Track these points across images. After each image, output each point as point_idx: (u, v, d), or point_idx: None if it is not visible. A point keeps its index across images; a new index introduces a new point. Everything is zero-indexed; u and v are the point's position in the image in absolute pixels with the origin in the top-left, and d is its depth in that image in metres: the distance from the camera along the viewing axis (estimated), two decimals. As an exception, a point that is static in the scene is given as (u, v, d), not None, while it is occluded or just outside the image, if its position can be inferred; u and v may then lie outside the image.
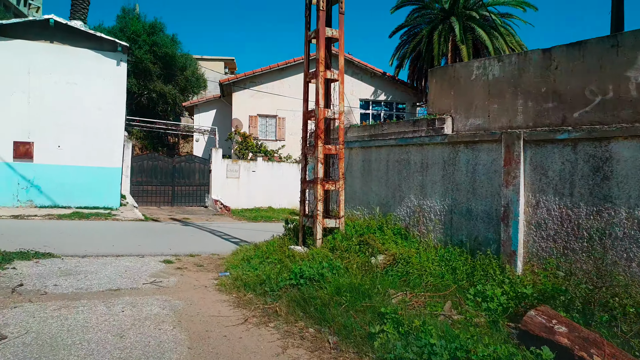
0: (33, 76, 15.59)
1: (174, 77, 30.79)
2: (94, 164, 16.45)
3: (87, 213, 15.39)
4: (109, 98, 16.56)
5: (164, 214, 18.22)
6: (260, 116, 25.27)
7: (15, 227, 12.08)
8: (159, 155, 20.45)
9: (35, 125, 15.70)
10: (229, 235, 13.09)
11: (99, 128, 16.45)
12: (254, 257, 8.30)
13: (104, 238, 11.31)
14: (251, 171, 21.54)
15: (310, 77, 8.23)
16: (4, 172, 15.41)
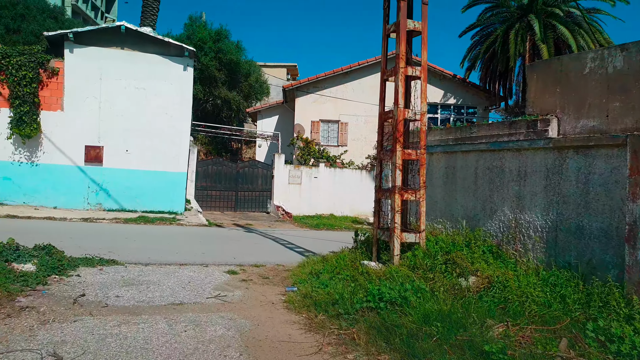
0: (104, 81, 15.85)
1: (238, 83, 30.98)
2: (160, 168, 16.50)
3: (152, 217, 15.38)
4: (175, 103, 16.58)
5: (227, 219, 18.01)
6: (323, 121, 24.74)
7: (83, 231, 12.12)
8: (223, 160, 20.35)
9: (105, 129, 15.94)
10: (292, 244, 12.52)
11: (165, 132, 16.49)
12: (323, 272, 7.60)
13: (168, 244, 11.05)
14: (313, 177, 21.01)
15: (388, 74, 7.46)
16: (76, 176, 15.72)
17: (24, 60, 14.81)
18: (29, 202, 15.33)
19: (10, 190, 15.17)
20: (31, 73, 14.83)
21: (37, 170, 15.40)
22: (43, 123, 15.35)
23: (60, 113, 15.53)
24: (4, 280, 5.95)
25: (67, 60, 15.52)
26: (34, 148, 15.38)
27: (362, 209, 21.81)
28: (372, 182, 21.97)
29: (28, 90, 14.80)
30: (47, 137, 15.45)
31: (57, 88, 15.48)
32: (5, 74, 14.74)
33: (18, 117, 14.75)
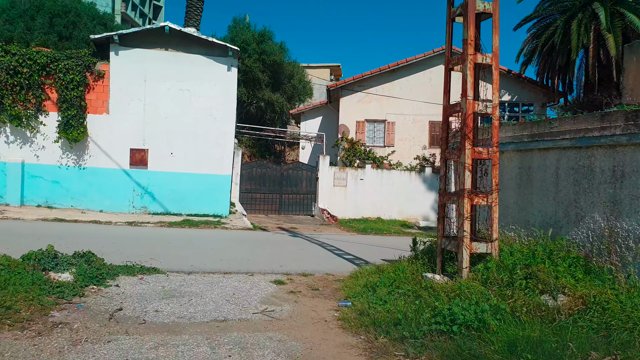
0: (148, 83, 15.68)
1: (282, 85, 30.62)
2: (204, 171, 16.17)
3: (197, 221, 15.04)
4: (219, 104, 16.22)
5: (271, 222, 17.50)
6: (368, 121, 23.91)
7: (127, 235, 11.83)
8: (267, 162, 19.89)
9: (150, 132, 15.76)
10: (340, 250, 11.79)
11: (209, 134, 16.15)
12: (379, 285, 6.83)
13: (212, 250, 10.56)
14: (359, 179, 20.22)
15: (453, 63, 6.60)
16: (121, 179, 15.61)
17: (72, 63, 14.80)
18: (76, 205, 15.32)
19: (59, 194, 15.20)
20: (78, 76, 14.81)
21: (83, 173, 15.37)
22: (89, 126, 15.31)
23: (105, 116, 15.46)
24: (38, 292, 5.52)
25: (113, 62, 15.43)
26: (81, 152, 15.35)
27: (411, 212, 20.85)
28: (421, 184, 20.98)
29: (75, 94, 14.79)
30: (93, 140, 15.40)
31: (102, 91, 15.41)
32: (54, 78, 14.77)
33: (65, 120, 14.75)
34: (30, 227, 11.88)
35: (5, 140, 14.82)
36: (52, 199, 15.14)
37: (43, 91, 14.85)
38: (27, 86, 14.57)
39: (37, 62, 14.55)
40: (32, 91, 14.66)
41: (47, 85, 14.88)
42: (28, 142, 14.97)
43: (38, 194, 15.06)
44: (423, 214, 20.98)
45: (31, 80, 14.56)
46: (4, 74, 14.22)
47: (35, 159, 15.01)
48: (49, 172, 15.11)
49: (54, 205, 15.13)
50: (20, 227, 11.84)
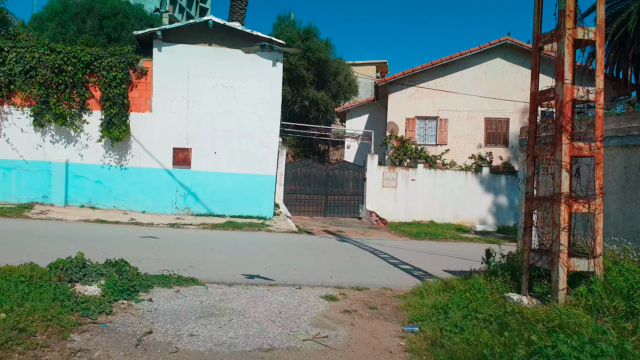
0: (192, 80, 15.13)
1: (327, 83, 29.77)
2: (248, 171, 15.48)
3: (240, 223, 14.34)
4: (264, 101, 15.48)
5: (317, 225, 16.61)
6: (419, 118, 22.62)
7: (167, 239, 11.21)
8: (312, 162, 18.99)
9: (193, 130, 15.21)
10: (395, 258, 10.72)
11: (254, 133, 15.44)
12: (451, 306, 5.76)
13: (256, 255, 9.74)
14: (410, 180, 19.01)
15: (545, 40, 5.42)
16: (165, 179, 15.13)
17: (115, 61, 14.43)
18: (119, 206, 14.95)
19: (102, 194, 14.88)
20: (121, 74, 14.42)
21: (126, 173, 14.99)
22: (132, 125, 14.91)
23: (148, 114, 15.02)
24: (59, 310, 4.81)
25: (156, 59, 14.97)
26: (123, 151, 14.97)
27: (467, 216, 19.46)
28: (478, 185, 19.55)
29: (118, 92, 14.40)
30: (136, 139, 14.99)
31: (145, 89, 14.98)
32: (97, 76, 14.44)
33: (108, 119, 14.39)
34: (70, 229, 11.47)
35: (51, 140, 14.61)
36: (95, 199, 14.83)
37: (87, 89, 14.56)
38: (72, 84, 14.29)
39: (81, 60, 14.26)
40: (77, 89, 14.38)
41: (91, 84, 14.58)
42: (72, 142, 14.72)
43: (81, 194, 14.79)
44: (479, 218, 19.53)
45: (75, 79, 14.28)
46: (49, 73, 14.00)
47: (79, 158, 14.74)
48: (92, 171, 14.81)
49: (96, 205, 14.82)
50: (61, 229, 11.45)
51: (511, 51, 22.21)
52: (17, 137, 14.41)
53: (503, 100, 22.11)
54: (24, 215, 12.80)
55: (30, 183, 14.49)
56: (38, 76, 13.93)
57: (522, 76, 21.98)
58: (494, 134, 22.68)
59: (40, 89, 14.02)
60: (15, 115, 14.36)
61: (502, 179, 20.06)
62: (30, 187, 14.49)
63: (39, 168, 14.51)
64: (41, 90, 14.02)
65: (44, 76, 13.96)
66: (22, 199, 14.42)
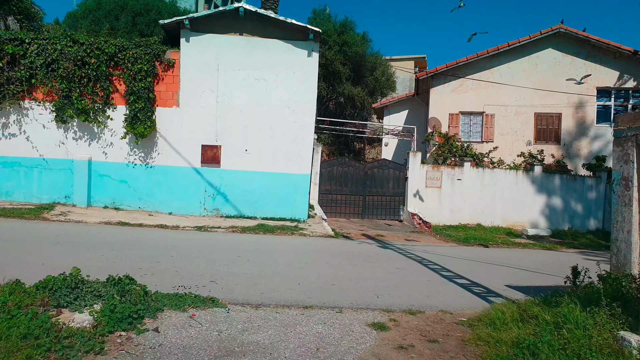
0: (222, 73, 14.02)
1: (363, 78, 28.39)
2: (281, 169, 14.26)
3: (272, 226, 13.13)
4: (298, 94, 14.23)
5: (354, 228, 15.24)
6: (463, 114, 20.93)
7: (191, 245, 10.08)
8: (349, 160, 17.59)
9: (223, 126, 14.10)
10: (447, 269, 9.26)
11: (287, 129, 14.21)
12: (541, 347, 4.31)
13: (289, 267, 8.47)
14: (456, 179, 17.38)
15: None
16: (193, 179, 14.09)
17: (140, 52, 13.46)
18: (144, 207, 13.99)
19: (126, 194, 13.96)
20: (146, 66, 13.44)
21: (151, 172, 14.01)
22: (158, 121, 13.92)
23: (175, 109, 14.00)
24: (29, 352, 3.62)
25: (183, 50, 13.92)
26: (149, 148, 14.01)
27: (517, 218, 17.69)
28: (530, 186, 17.77)
29: (143, 85, 13.43)
30: (162, 136, 13.99)
31: (172, 82, 13.97)
32: (122, 69, 13.52)
33: (133, 114, 13.44)
34: (87, 233, 10.51)
35: (73, 137, 13.79)
36: (119, 199, 13.93)
37: (111, 83, 13.65)
38: (95, 78, 13.41)
39: (104, 52, 13.36)
40: (100, 83, 13.49)
41: (115, 77, 13.67)
42: (95, 138, 13.85)
43: (105, 194, 13.90)
44: (531, 221, 17.73)
45: (99, 72, 13.39)
46: (72, 66, 13.15)
47: (103, 156, 13.86)
48: (117, 170, 13.90)
49: (121, 206, 13.91)
50: (78, 233, 10.50)
51: (564, 40, 20.24)
52: (38, 134, 13.64)
53: (555, 93, 20.19)
54: (42, 216, 11.95)
55: (53, 183, 13.69)
56: (60, 69, 13.11)
57: (576, 67, 20.01)
58: (545, 131, 20.76)
59: (63, 82, 13.19)
60: (36, 111, 13.59)
61: (555, 179, 18.16)
62: (52, 187, 13.70)
63: (61, 167, 13.70)
64: (63, 84, 13.19)
65: (66, 69, 13.12)
66: (44, 199, 13.65)
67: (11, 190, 13.63)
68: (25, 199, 13.63)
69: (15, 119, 13.57)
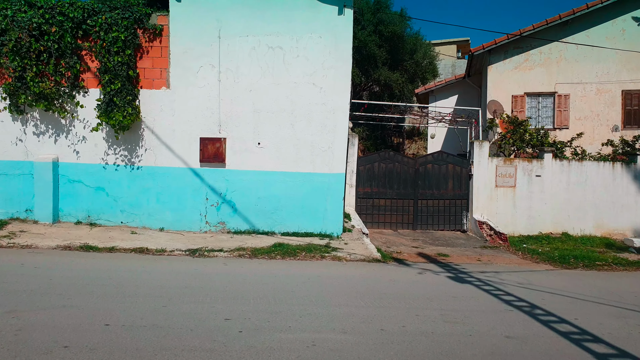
0: (225, 41, 10.14)
1: (402, 62, 24.08)
2: (305, 168, 10.26)
3: (294, 246, 9.16)
4: (326, 66, 10.18)
5: (405, 244, 11.10)
6: (529, 95, 16.42)
7: (173, 286, 6.16)
8: (395, 154, 13.25)
9: (228, 112, 10.22)
10: (600, 339, 5.00)
11: (312, 113, 10.19)
12: None
13: (318, 327, 4.42)
14: (534, 176, 12.94)
15: None
16: (190, 183, 10.27)
17: (116, 16, 9.73)
18: (127, 221, 10.27)
19: (105, 205, 10.26)
20: (124, 34, 9.69)
21: (137, 176, 10.27)
22: (143, 107, 10.17)
23: (165, 92, 10.20)
24: None
25: (173, 12, 10.11)
26: (132, 144, 10.27)
27: (615, 225, 13.11)
28: (631, 183, 13.12)
29: (120, 60, 9.69)
30: (149, 127, 10.23)
31: (160, 55, 10.17)
32: (93, 39, 9.82)
33: (107, 99, 9.72)
34: (16, 270, 6.78)
35: (34, 131, 10.20)
36: (95, 212, 10.25)
37: (79, 59, 9.99)
38: (58, 52, 9.77)
39: (69, 18, 9.70)
40: (65, 59, 9.84)
41: (85, 51, 10.00)
42: (62, 133, 10.22)
43: (78, 205, 10.25)
44: (634, 227, 13.11)
45: (62, 44, 9.74)
46: (26, 36, 9.54)
47: (74, 156, 10.22)
48: (91, 174, 10.23)
49: (98, 221, 10.23)
50: (5, 270, 6.80)
51: None
52: (-10, 129, 10.15)
53: None
54: (-25, 240, 8.38)
55: (9, 193, 10.14)
56: (11, 42, 9.51)
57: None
58: (636, 112, 16.04)
59: (15, 59, 9.60)
60: (-15, 99, 10.10)
61: (663, 172, 13.48)
62: (8, 198, 10.14)
63: (18, 171, 10.13)
64: (15, 61, 9.60)
65: (19, 41, 9.53)
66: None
67: (-42, 203, 10.17)
68: (-25, 214, 10.15)
69: (-41, 110, 10.10)
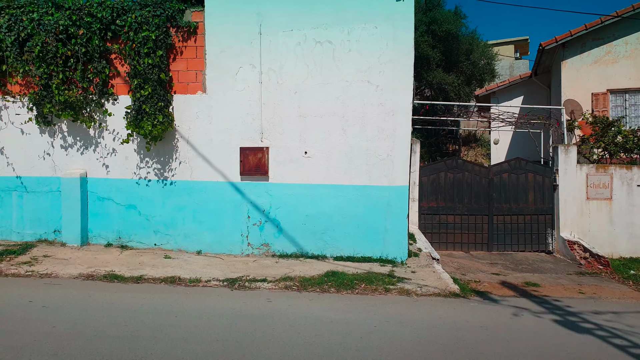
0: (266, 37, 8.74)
1: (457, 64, 22.07)
2: (361, 180, 8.61)
3: (350, 275, 7.52)
4: (383, 61, 8.55)
5: (482, 269, 9.18)
6: (613, 92, 14.06)
7: (203, 337, 4.68)
8: (464, 162, 11.21)
9: (270, 118, 8.78)
10: None
11: (368, 116, 8.56)
12: None
13: None
14: (635, 185, 10.65)
15: None
16: (230, 198, 8.87)
17: (146, 14, 8.56)
18: (162, 242, 8.99)
19: (137, 225, 9.03)
20: (155, 33, 8.49)
21: (171, 192, 8.98)
22: (177, 114, 8.92)
23: (201, 97, 8.90)
24: None
25: (209, 7, 8.81)
26: (166, 157, 9.02)
27: None
28: None
29: (150, 62, 8.48)
30: (184, 137, 8.95)
31: (195, 55, 8.90)
32: (122, 40, 8.69)
33: (137, 106, 8.53)
34: (21, 313, 5.52)
35: (62, 144, 9.16)
36: (127, 232, 9.04)
37: (108, 63, 8.89)
38: (85, 56, 8.70)
39: (97, 19, 8.62)
40: (93, 64, 8.76)
41: (115, 54, 8.88)
42: (91, 145, 9.12)
43: (108, 225, 9.08)
44: None
45: (90, 47, 8.67)
46: (53, 41, 8.52)
47: (103, 170, 9.08)
48: (122, 190, 9.04)
49: (129, 242, 9.01)
50: (7, 312, 5.58)
51: None
52: (17, 143, 9.19)
53: None
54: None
55: (37, 211, 9.13)
56: (37, 47, 8.53)
57: None
58: None
59: (41, 65, 8.61)
60: (12, 110, 9.15)
61: None
62: (36, 218, 9.13)
63: (46, 188, 9.11)
64: (42, 67, 8.60)
65: (45, 46, 8.53)
66: (27, 235, 9.13)
67: (-15, 224, 9.27)
68: (2, 236, 9.20)
69: (-14, 123, 9.24)
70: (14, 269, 7.37)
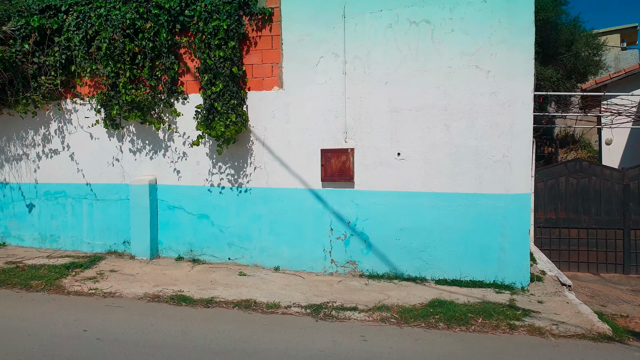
0: (350, 20, 7.50)
1: (556, 56, 19.63)
2: (467, 187, 7.05)
3: (461, 306, 6.00)
4: (496, 42, 6.95)
5: (624, 298, 7.23)
6: None
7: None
8: (590, 165, 9.14)
9: (355, 115, 7.49)
10: None
11: (476, 109, 7.00)
12: None
13: None
14: None
15: None
16: (310, 207, 7.69)
17: (217, 2, 7.65)
18: (236, 257, 7.99)
19: (209, 237, 8.11)
20: (226, 22, 7.55)
21: (245, 200, 7.97)
22: (251, 113, 7.90)
23: (278, 93, 7.81)
24: None
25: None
26: (240, 161, 8.02)
27: None
28: None
29: (222, 54, 7.54)
30: (259, 138, 7.90)
31: (270, 46, 7.84)
32: (192, 32, 7.85)
33: (208, 104, 7.61)
34: (68, 349, 4.62)
35: (130, 148, 8.48)
36: (199, 244, 8.15)
37: (177, 58, 8.09)
38: (152, 52, 7.96)
39: (165, 10, 7.85)
40: (161, 59, 8.00)
41: (184, 48, 8.06)
42: (160, 149, 8.35)
43: (179, 236, 8.25)
44: None
45: (158, 41, 7.91)
46: (120, 36, 7.87)
47: (174, 176, 8.28)
48: (193, 198, 8.17)
49: (202, 256, 8.11)
50: (54, 346, 4.72)
51: None
52: (86, 148, 8.66)
53: None
54: (59, 283, 6.66)
55: (107, 221, 8.52)
56: (104, 44, 7.91)
57: None
58: None
59: (108, 64, 7.98)
60: (81, 114, 8.64)
61: None
62: (106, 228, 8.52)
63: (116, 196, 8.47)
64: (109, 66, 7.97)
65: (112, 42, 7.89)
66: (97, 246, 8.54)
67: (56, 234, 8.82)
68: (73, 247, 8.70)
69: (57, 127, 8.80)
70: (77, 286, 6.66)
